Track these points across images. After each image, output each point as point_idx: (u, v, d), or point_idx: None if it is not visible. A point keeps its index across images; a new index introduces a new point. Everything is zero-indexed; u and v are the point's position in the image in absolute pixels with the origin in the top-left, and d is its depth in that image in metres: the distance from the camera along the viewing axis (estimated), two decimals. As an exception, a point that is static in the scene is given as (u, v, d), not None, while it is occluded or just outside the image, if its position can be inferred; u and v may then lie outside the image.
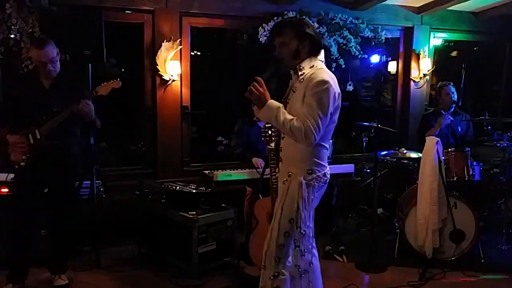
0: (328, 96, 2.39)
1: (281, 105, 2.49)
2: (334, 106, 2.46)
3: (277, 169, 2.86)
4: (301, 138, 2.40)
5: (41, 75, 3.24)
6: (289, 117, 2.44)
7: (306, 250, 2.59)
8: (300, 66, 2.51)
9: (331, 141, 4.64)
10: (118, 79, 3.38)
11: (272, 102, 2.48)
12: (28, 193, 3.21)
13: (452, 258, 3.93)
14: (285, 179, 2.59)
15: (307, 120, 2.37)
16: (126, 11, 4.57)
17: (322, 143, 2.53)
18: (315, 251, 2.81)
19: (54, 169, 3.24)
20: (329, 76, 2.45)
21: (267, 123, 3.29)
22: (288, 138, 2.56)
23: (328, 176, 2.61)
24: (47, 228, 3.59)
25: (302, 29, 2.52)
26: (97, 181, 3.85)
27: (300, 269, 2.60)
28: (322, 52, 2.60)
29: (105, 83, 3.35)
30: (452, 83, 4.59)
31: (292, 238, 2.56)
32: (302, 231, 2.52)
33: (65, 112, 3.16)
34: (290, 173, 2.55)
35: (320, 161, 2.54)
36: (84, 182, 3.83)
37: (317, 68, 2.49)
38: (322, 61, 2.57)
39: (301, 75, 2.50)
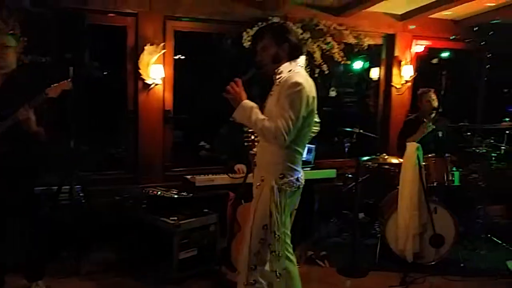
0: (300, 98, 2.42)
1: (255, 105, 2.52)
2: (308, 110, 2.49)
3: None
4: (272, 138, 2.42)
5: None
6: (261, 117, 2.47)
7: (280, 255, 2.60)
8: (278, 70, 2.55)
9: (313, 146, 4.70)
10: (69, 80, 3.20)
11: (247, 102, 2.51)
12: None
13: (433, 263, 3.97)
14: (258, 183, 2.61)
15: (278, 120, 2.39)
16: (109, 14, 4.53)
17: (295, 147, 2.54)
18: (292, 257, 2.81)
19: (7, 176, 3.09)
20: (304, 79, 2.48)
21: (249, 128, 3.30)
22: (263, 142, 2.59)
23: (302, 181, 2.62)
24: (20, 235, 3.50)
25: (281, 34, 2.57)
26: (77, 186, 3.80)
27: (276, 274, 2.60)
28: (303, 57, 2.63)
29: (55, 84, 3.24)
30: (433, 90, 4.65)
31: (267, 244, 2.55)
32: (276, 235, 2.53)
33: (9, 119, 3.00)
34: (263, 178, 2.57)
35: (292, 166, 2.55)
36: (63, 187, 3.76)
37: (294, 72, 2.52)
38: (302, 66, 2.60)
39: (278, 78, 2.53)
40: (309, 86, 2.49)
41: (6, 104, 3.03)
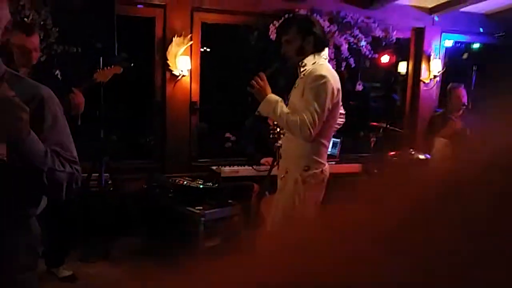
0: (325, 91, 2.41)
1: (280, 99, 2.53)
2: (333, 102, 2.48)
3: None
4: (297, 131, 2.42)
5: (19, 63, 3.10)
6: (286, 110, 2.47)
7: None
8: (302, 63, 2.54)
9: (338, 140, 4.68)
10: (119, 65, 3.32)
11: (272, 96, 2.52)
12: None
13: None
14: (282, 175, 2.62)
15: (303, 114, 2.39)
16: (138, 5, 4.58)
17: (321, 140, 2.54)
18: None
19: None
20: (328, 72, 2.48)
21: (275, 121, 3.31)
22: (289, 134, 2.59)
23: (327, 173, 2.62)
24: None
25: (306, 26, 2.57)
26: (105, 174, 3.88)
27: None
28: (326, 49, 2.62)
29: (104, 68, 3.28)
30: (463, 85, 4.56)
31: None
32: None
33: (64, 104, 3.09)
34: (288, 170, 2.57)
35: (318, 158, 2.54)
36: (93, 174, 3.85)
37: (318, 64, 2.51)
38: (326, 59, 2.59)
39: (302, 71, 2.53)
40: (334, 79, 2.48)
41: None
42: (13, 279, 1.34)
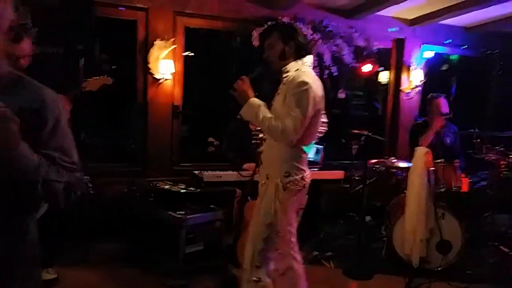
0: (307, 97, 2.42)
1: (262, 103, 2.53)
2: (315, 109, 2.48)
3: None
4: (279, 136, 2.43)
5: None
6: (269, 115, 2.48)
7: (284, 253, 2.58)
8: (285, 69, 2.57)
9: (321, 147, 4.68)
10: (109, 76, 3.32)
11: (254, 100, 2.53)
12: None
13: (439, 269, 3.94)
14: (263, 181, 2.61)
15: (285, 119, 2.40)
16: (120, 7, 4.52)
17: (302, 146, 2.54)
18: (297, 256, 2.78)
19: None
20: (311, 78, 2.48)
21: (258, 126, 3.30)
22: (270, 140, 2.59)
23: (307, 180, 2.61)
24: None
25: (288, 32, 2.61)
26: (86, 177, 3.77)
27: (278, 272, 2.59)
28: (310, 57, 2.64)
29: (94, 78, 3.25)
30: (443, 95, 4.62)
31: (271, 242, 2.53)
32: (279, 234, 2.51)
33: None
34: (268, 176, 2.56)
35: (298, 165, 2.54)
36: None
37: (301, 71, 2.52)
38: (309, 66, 2.59)
39: (285, 77, 2.54)
40: (316, 86, 2.50)
41: None
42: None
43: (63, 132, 1.31)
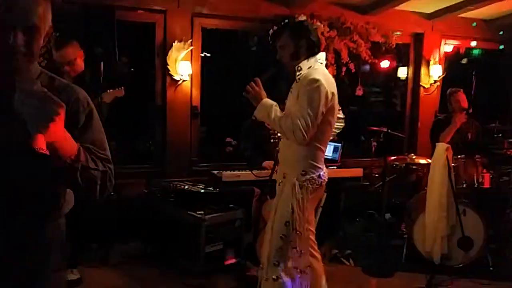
0: (319, 94, 2.42)
1: (274, 103, 2.55)
2: (327, 106, 2.48)
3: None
4: (291, 135, 2.44)
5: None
6: (280, 114, 2.49)
7: (303, 252, 2.59)
8: (298, 67, 2.57)
9: (339, 144, 4.67)
10: (122, 88, 3.42)
11: (267, 101, 2.55)
12: None
13: (460, 266, 3.90)
14: (280, 180, 2.63)
15: (296, 117, 2.41)
16: (139, 11, 4.59)
17: (317, 144, 2.54)
18: (316, 254, 2.80)
19: None
20: (322, 75, 2.48)
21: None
22: (285, 139, 2.62)
23: (324, 178, 2.62)
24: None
25: (298, 31, 2.61)
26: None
27: (298, 270, 2.60)
28: (322, 54, 2.63)
29: (110, 90, 3.34)
30: (462, 90, 4.56)
31: (289, 240, 2.55)
32: (297, 232, 2.52)
33: None
34: (285, 175, 2.58)
35: (315, 163, 2.55)
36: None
37: (314, 68, 2.53)
38: (322, 63, 2.59)
39: (298, 75, 2.55)
40: (328, 82, 2.49)
41: None
42: (46, 278, 1.34)
43: (95, 127, 1.36)
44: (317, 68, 2.55)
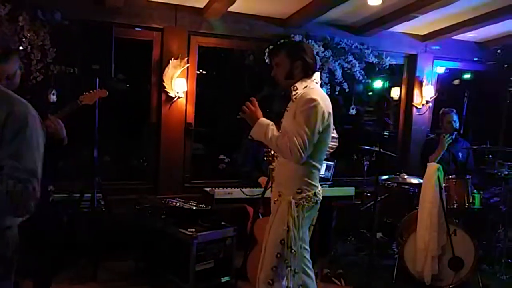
0: (316, 113, 2.45)
1: (271, 122, 2.58)
2: (324, 125, 2.52)
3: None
4: (288, 154, 2.46)
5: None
6: (277, 133, 2.51)
7: (297, 270, 2.60)
8: (294, 87, 2.60)
9: (332, 163, 4.70)
10: (104, 89, 3.38)
11: (263, 120, 2.58)
12: None
13: (451, 286, 3.90)
14: (276, 199, 2.64)
15: (294, 137, 2.43)
16: (136, 28, 4.65)
17: (313, 163, 2.56)
18: (311, 272, 2.80)
19: None
20: (319, 95, 2.52)
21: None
22: (281, 158, 2.63)
23: (320, 196, 2.64)
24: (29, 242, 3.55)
25: (295, 51, 2.63)
26: (98, 194, 3.86)
27: None
28: (317, 74, 2.68)
29: (90, 91, 3.35)
30: (454, 110, 4.62)
31: (284, 259, 2.56)
32: (292, 251, 2.53)
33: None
34: (280, 193, 2.59)
35: (310, 181, 2.57)
36: (85, 194, 3.84)
37: (310, 88, 2.56)
38: (317, 83, 2.64)
39: (294, 95, 2.58)
40: (324, 102, 2.53)
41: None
42: None
43: (22, 144, 1.40)
44: (313, 87, 2.58)
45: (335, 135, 2.91)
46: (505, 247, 4.36)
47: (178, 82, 4.63)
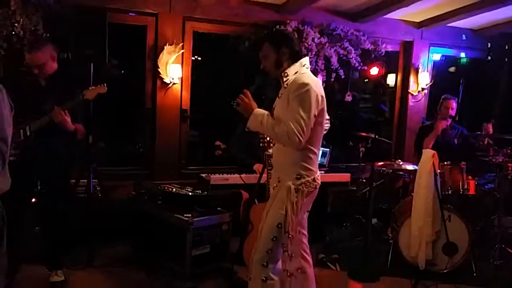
0: (309, 97, 2.45)
1: (266, 112, 2.58)
2: (319, 109, 2.51)
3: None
4: (286, 140, 2.46)
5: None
6: (273, 122, 2.51)
7: (294, 255, 2.61)
8: (284, 73, 2.60)
9: (327, 149, 4.71)
10: (105, 85, 3.40)
11: (258, 110, 2.59)
12: (16, 188, 3.19)
13: (445, 271, 3.93)
14: (275, 184, 2.65)
15: (290, 122, 2.43)
16: (130, 13, 4.60)
17: (310, 147, 2.56)
18: (308, 258, 2.82)
19: (42, 167, 3.22)
20: (311, 79, 2.52)
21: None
22: (278, 144, 2.63)
23: (319, 181, 2.64)
24: (41, 225, 3.59)
25: (277, 39, 2.64)
26: (94, 180, 3.85)
27: (288, 273, 2.61)
28: (306, 58, 2.66)
29: (92, 87, 3.36)
30: (456, 99, 4.64)
31: (280, 243, 2.57)
32: (289, 235, 2.54)
33: (45, 117, 3.17)
34: (280, 179, 2.60)
35: (309, 166, 2.57)
36: (81, 180, 3.83)
37: (300, 73, 2.56)
38: (308, 68, 2.63)
39: (285, 81, 2.58)
40: (316, 86, 2.52)
41: (51, 98, 3.22)
42: None
43: None
44: (304, 72, 2.58)
45: (327, 116, 2.92)
46: (499, 232, 4.40)
47: (173, 68, 4.60)
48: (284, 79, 2.59)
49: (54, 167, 3.29)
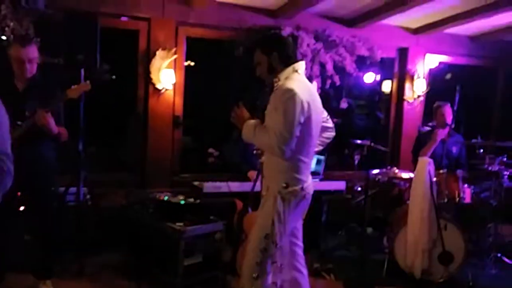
0: (293, 105, 2.37)
1: (256, 122, 2.55)
2: (305, 116, 2.43)
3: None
4: (271, 150, 2.43)
5: (16, 76, 3.17)
6: (262, 131, 2.47)
7: (284, 267, 2.56)
8: (276, 78, 2.55)
9: (322, 157, 4.65)
10: (88, 82, 3.33)
11: (249, 122, 2.56)
12: (1, 197, 3.12)
13: (441, 280, 3.89)
14: (264, 193, 2.60)
15: (273, 133, 2.38)
16: (122, 18, 4.54)
17: (299, 157, 2.50)
18: (302, 269, 2.76)
19: (29, 174, 3.13)
20: (297, 85, 2.44)
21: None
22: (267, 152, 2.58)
23: (309, 190, 2.58)
24: (31, 234, 3.51)
25: (267, 45, 2.60)
26: (84, 188, 3.78)
27: (277, 286, 2.56)
28: (301, 63, 2.59)
29: (75, 85, 3.29)
30: (449, 104, 4.59)
31: (269, 255, 2.51)
32: (278, 246, 2.49)
33: (28, 121, 3.07)
34: (268, 187, 2.56)
35: (297, 175, 2.52)
36: (71, 188, 3.75)
37: (290, 78, 2.50)
38: (300, 73, 2.56)
39: (275, 87, 2.54)
40: (303, 91, 2.43)
41: (30, 103, 3.12)
42: None
43: None
44: (293, 77, 2.50)
45: (330, 124, 2.85)
46: (495, 241, 4.37)
47: (166, 74, 4.54)
48: (275, 84, 2.54)
49: (40, 173, 3.20)
